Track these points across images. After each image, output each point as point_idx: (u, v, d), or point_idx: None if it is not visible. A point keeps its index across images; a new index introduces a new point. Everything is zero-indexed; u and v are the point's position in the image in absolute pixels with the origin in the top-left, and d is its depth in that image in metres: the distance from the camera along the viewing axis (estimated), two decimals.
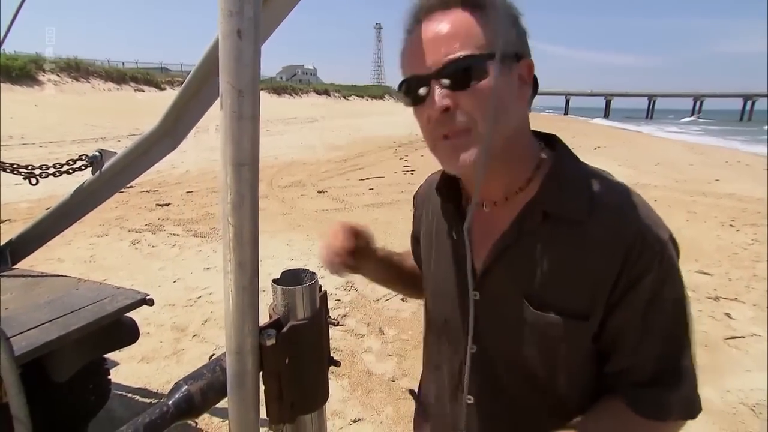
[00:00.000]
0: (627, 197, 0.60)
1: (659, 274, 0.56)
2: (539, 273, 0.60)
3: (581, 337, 0.60)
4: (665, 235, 0.58)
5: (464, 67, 0.54)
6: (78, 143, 10.56)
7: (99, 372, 1.83)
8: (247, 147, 0.46)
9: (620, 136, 20.75)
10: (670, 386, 0.58)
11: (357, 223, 0.81)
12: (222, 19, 0.42)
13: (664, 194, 6.91)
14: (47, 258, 3.77)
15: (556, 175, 0.62)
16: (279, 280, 0.62)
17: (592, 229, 0.58)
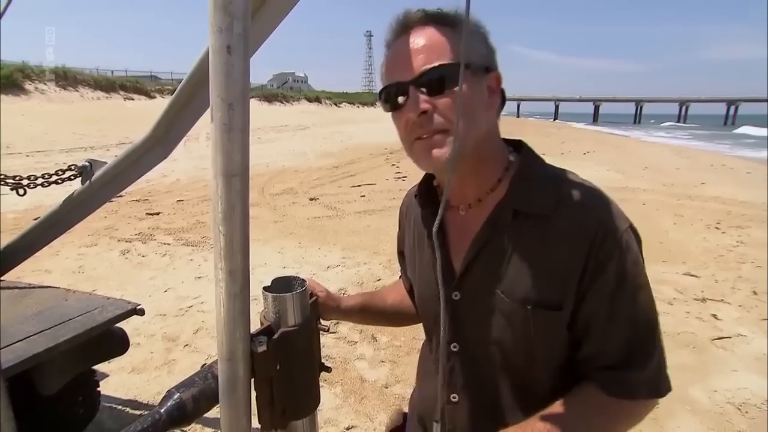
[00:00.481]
0: (589, 192, 0.64)
1: (622, 261, 0.60)
2: (513, 268, 0.64)
3: (556, 327, 0.63)
4: (625, 225, 0.62)
5: (440, 74, 0.60)
6: (66, 153, 10.45)
7: (88, 384, 1.80)
8: (237, 158, 0.47)
9: (609, 141, 21.06)
10: (638, 367, 0.61)
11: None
12: (212, 35, 0.43)
13: (652, 198, 7.02)
14: (34, 269, 3.72)
15: (523, 176, 0.67)
16: (270, 287, 0.63)
17: (558, 223, 0.62)
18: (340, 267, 4.03)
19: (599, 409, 0.62)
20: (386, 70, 0.65)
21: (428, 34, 0.61)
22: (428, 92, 0.60)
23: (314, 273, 3.86)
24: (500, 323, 0.65)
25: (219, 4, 0.42)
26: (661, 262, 4.20)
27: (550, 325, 0.63)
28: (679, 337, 2.87)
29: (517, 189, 0.66)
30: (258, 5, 0.90)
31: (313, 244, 4.64)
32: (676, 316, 3.16)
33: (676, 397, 2.28)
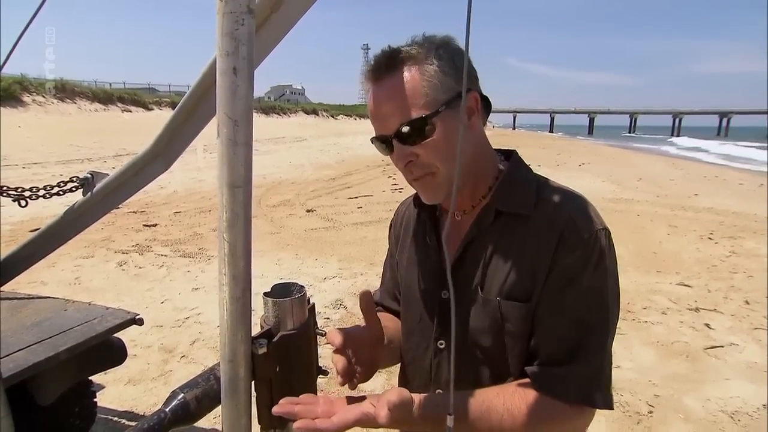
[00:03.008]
0: (566, 194, 0.69)
1: (582, 259, 0.63)
2: (491, 264, 0.69)
3: (525, 319, 0.66)
4: (597, 227, 0.65)
5: (415, 128, 0.65)
6: (63, 164, 10.46)
7: (85, 394, 1.81)
8: (241, 171, 0.51)
9: (604, 152, 21.29)
10: (572, 367, 0.62)
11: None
12: (220, 58, 0.47)
13: (646, 209, 7.10)
14: (30, 281, 3.70)
15: (508, 180, 0.72)
16: (270, 292, 0.66)
17: (535, 221, 0.66)
18: (337, 278, 4.05)
19: (524, 402, 0.62)
20: (371, 118, 0.70)
21: (397, 83, 0.65)
22: (408, 143, 0.66)
23: (311, 284, 3.87)
24: (477, 317, 0.69)
25: (226, 30, 0.46)
26: (655, 273, 4.25)
27: (518, 316, 0.66)
28: (673, 346, 2.90)
29: (500, 192, 0.71)
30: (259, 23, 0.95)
31: (310, 256, 4.66)
32: (669, 326, 3.19)
33: (669, 406, 2.30)
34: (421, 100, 0.64)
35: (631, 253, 4.73)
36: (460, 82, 0.65)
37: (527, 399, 0.62)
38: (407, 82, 0.64)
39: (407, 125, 0.64)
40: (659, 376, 2.53)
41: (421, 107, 0.64)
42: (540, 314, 0.65)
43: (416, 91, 0.64)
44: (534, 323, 0.66)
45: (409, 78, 0.64)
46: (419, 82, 0.64)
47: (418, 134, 0.65)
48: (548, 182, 0.72)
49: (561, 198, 0.68)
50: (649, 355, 2.77)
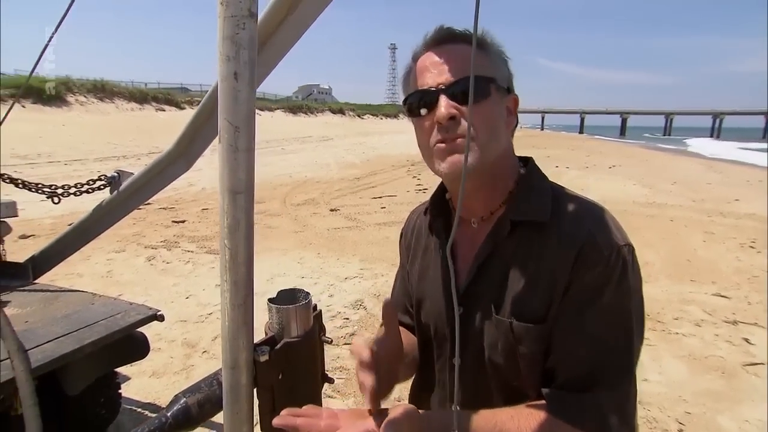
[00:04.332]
0: (586, 205, 0.65)
1: (603, 276, 0.59)
2: (506, 281, 0.65)
3: (540, 341, 0.62)
4: (619, 243, 0.60)
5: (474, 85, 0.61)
6: (100, 161, 10.94)
7: (110, 386, 1.87)
8: (242, 177, 0.50)
9: (636, 154, 20.52)
10: (590, 393, 0.58)
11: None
12: (221, 63, 0.46)
13: (680, 214, 6.79)
14: (67, 273, 3.89)
15: (523, 188, 0.69)
16: (275, 299, 0.65)
17: (553, 233, 0.62)
18: (358, 278, 4.05)
19: (539, 427, 0.58)
20: (416, 78, 0.67)
21: (460, 48, 0.65)
22: (459, 99, 0.62)
23: (332, 284, 3.89)
24: (491, 336, 0.66)
25: (227, 34, 0.45)
26: (689, 281, 4.04)
27: (532, 338, 0.62)
28: (707, 360, 2.75)
29: (515, 201, 0.68)
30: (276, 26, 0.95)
31: (332, 255, 4.68)
32: (704, 339, 3.03)
33: (701, 425, 2.18)
34: (482, 68, 0.63)
35: (662, 259, 4.53)
36: (509, 78, 0.69)
37: (542, 425, 0.59)
38: (469, 51, 0.63)
39: (466, 80, 0.61)
40: (691, 391, 2.40)
41: (485, 70, 0.63)
42: (557, 336, 0.61)
43: (480, 60, 0.64)
44: (550, 344, 0.62)
45: (478, 49, 0.64)
46: (484, 56, 0.65)
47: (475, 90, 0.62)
48: (565, 191, 0.69)
49: (579, 210, 0.64)
50: (681, 369, 2.63)
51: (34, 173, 9.01)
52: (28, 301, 1.72)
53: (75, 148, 12.26)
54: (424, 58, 0.66)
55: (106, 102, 21.44)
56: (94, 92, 21.51)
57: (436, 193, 0.78)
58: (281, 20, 0.90)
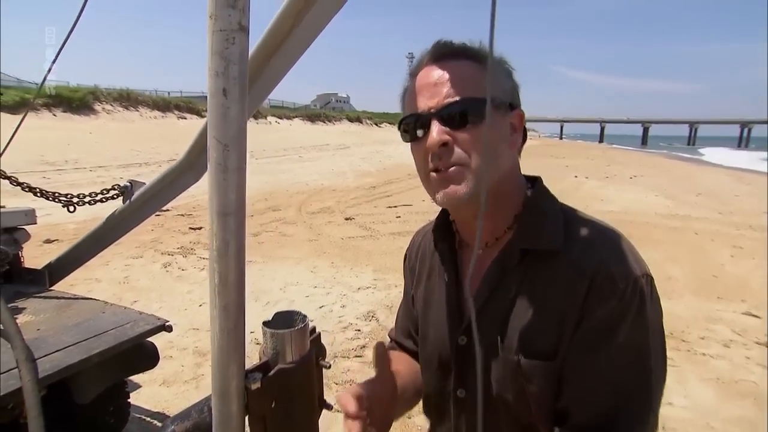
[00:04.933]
0: (600, 231, 0.60)
1: (618, 311, 0.54)
2: (514, 313, 0.61)
3: (550, 378, 0.58)
4: (636, 274, 0.55)
5: (463, 108, 0.58)
6: (123, 168, 11.23)
7: (120, 395, 1.87)
8: (232, 198, 0.48)
9: (658, 164, 20.02)
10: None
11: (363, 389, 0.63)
12: (209, 79, 0.44)
13: (706, 227, 6.55)
14: (86, 278, 3.97)
15: (531, 212, 0.64)
16: (270, 322, 0.63)
17: (563, 262, 0.58)
18: (371, 289, 4.01)
19: None
20: (409, 100, 0.64)
21: (453, 67, 0.61)
22: (450, 125, 0.59)
23: (344, 294, 3.86)
24: (498, 370, 0.62)
25: (216, 49, 0.43)
26: (716, 299, 3.87)
27: (541, 376, 0.58)
28: (738, 385, 2.60)
29: (523, 227, 0.63)
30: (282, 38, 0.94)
31: (346, 264, 4.66)
32: (733, 361, 2.88)
33: None
34: (475, 88, 0.59)
35: (687, 275, 4.35)
36: (513, 92, 0.64)
37: None
38: (463, 68, 0.60)
39: (456, 103, 0.58)
40: (719, 418, 2.26)
41: (474, 93, 0.59)
42: (568, 375, 0.57)
43: (471, 78, 0.60)
44: (561, 383, 0.57)
45: (468, 66, 0.60)
46: (476, 73, 0.60)
47: (463, 116, 0.58)
48: (576, 214, 0.64)
49: (592, 236, 0.59)
50: (708, 394, 2.49)
51: (61, 179, 9.33)
52: (42, 308, 1.74)
53: (100, 155, 12.64)
54: (420, 77, 0.62)
55: (131, 110, 22.14)
56: (120, 101, 22.26)
57: (439, 216, 0.74)
58: (288, 32, 0.89)
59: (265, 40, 0.91)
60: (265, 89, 1.01)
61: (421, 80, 0.62)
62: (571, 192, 9.38)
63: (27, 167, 10.23)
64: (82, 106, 20.29)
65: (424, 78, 0.62)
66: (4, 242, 1.92)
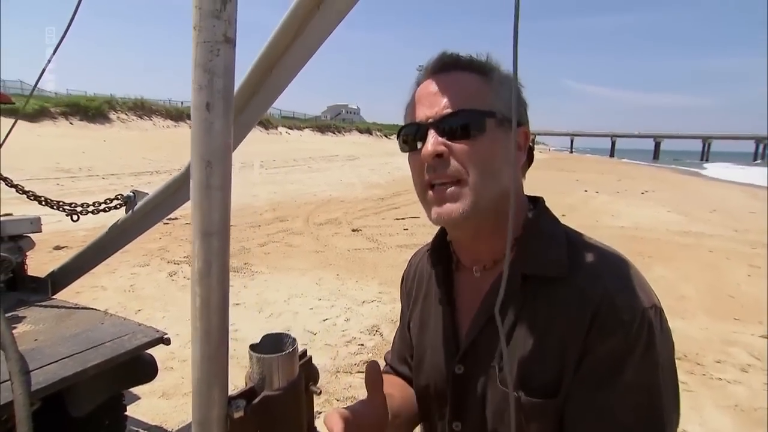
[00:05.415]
0: (604, 258, 0.56)
1: (623, 346, 0.50)
2: (514, 345, 0.57)
3: (551, 417, 0.54)
4: (643, 305, 0.51)
5: (463, 119, 0.56)
6: (135, 176, 11.39)
7: (116, 408, 1.84)
8: (215, 217, 0.45)
9: (669, 179, 19.77)
10: None
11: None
12: (192, 93, 0.42)
13: (721, 244, 6.40)
14: (92, 286, 3.98)
15: (533, 235, 0.60)
16: (258, 345, 0.60)
17: (566, 290, 0.54)
18: (376, 302, 3.96)
19: None
20: (410, 110, 0.63)
21: (456, 78, 0.59)
22: (448, 136, 0.57)
23: (349, 307, 3.82)
24: (495, 402, 0.58)
25: (200, 61, 0.41)
26: (732, 320, 3.75)
27: (542, 414, 0.54)
28: (757, 413, 2.49)
29: (525, 250, 0.59)
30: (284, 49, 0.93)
31: (351, 277, 4.62)
32: (752, 387, 2.76)
33: None
34: (478, 100, 0.57)
35: (701, 294, 4.23)
36: (518, 109, 0.60)
37: None
38: (469, 80, 0.59)
39: (456, 114, 0.56)
40: None
41: (476, 105, 0.57)
42: (571, 414, 0.52)
43: (475, 90, 0.58)
44: (564, 422, 0.53)
45: (472, 78, 0.59)
46: (480, 86, 0.58)
47: (463, 128, 0.56)
48: (581, 239, 0.60)
49: (598, 263, 0.56)
50: (725, 422, 2.39)
51: (74, 186, 9.48)
52: (42, 318, 1.73)
53: (113, 163, 12.84)
54: (422, 88, 0.61)
55: (145, 119, 22.59)
56: (134, 110, 22.73)
57: (437, 237, 0.71)
58: (290, 42, 0.87)
59: (267, 51, 0.90)
60: (268, 100, 1.00)
61: (422, 90, 0.61)
62: (581, 207, 9.26)
63: (43, 174, 10.43)
64: (98, 115, 20.76)
65: (425, 88, 0.60)
66: (8, 250, 1.92)
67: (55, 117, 19.13)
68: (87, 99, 21.66)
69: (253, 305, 3.78)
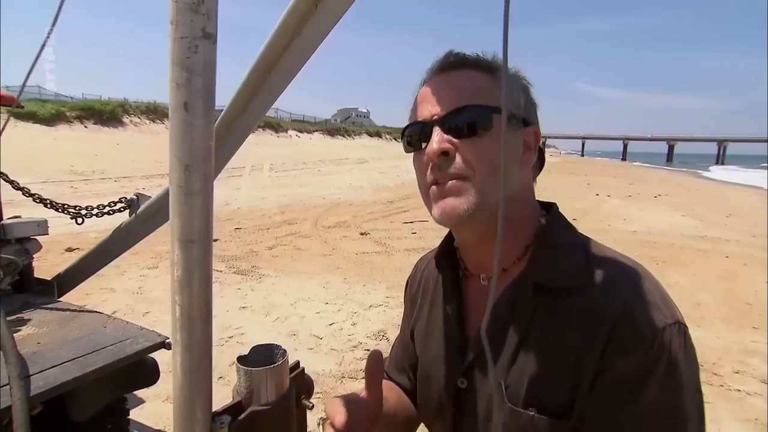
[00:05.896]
0: (622, 269, 0.52)
1: (643, 366, 0.46)
2: (524, 358, 0.53)
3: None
4: (665, 322, 0.47)
5: (469, 115, 0.54)
6: (146, 179, 11.53)
7: (118, 412, 1.83)
8: (196, 223, 0.43)
9: (683, 183, 19.41)
10: None
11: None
12: (169, 91, 0.40)
13: (738, 250, 6.23)
14: (101, 288, 4.02)
15: (546, 243, 0.57)
16: (246, 357, 0.57)
17: (582, 303, 0.50)
18: (383, 307, 3.93)
19: None
20: (416, 107, 0.60)
21: (463, 76, 0.57)
22: (454, 134, 0.54)
23: (355, 311, 3.79)
24: (509, 428, 0.54)
25: (177, 58, 0.39)
26: (750, 329, 3.63)
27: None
28: None
29: (538, 259, 0.56)
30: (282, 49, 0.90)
31: (359, 281, 4.60)
32: None
33: None
34: (485, 97, 0.55)
35: (717, 301, 4.11)
36: (528, 108, 0.59)
37: None
38: (473, 77, 0.57)
39: (462, 110, 0.54)
40: None
41: (482, 101, 0.55)
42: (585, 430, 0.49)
43: (482, 87, 0.56)
44: None
45: (479, 76, 0.57)
46: (487, 84, 0.56)
47: (470, 125, 0.54)
48: (598, 247, 0.56)
49: (616, 274, 0.52)
50: None
51: (87, 189, 9.63)
52: (46, 320, 1.73)
53: (125, 166, 13.02)
54: (426, 87, 0.59)
55: (157, 123, 22.90)
56: (147, 113, 23.08)
57: (443, 242, 0.68)
58: (287, 44, 0.85)
59: (265, 52, 0.88)
60: (267, 101, 0.98)
61: (426, 89, 0.59)
62: (593, 210, 9.12)
63: (57, 177, 10.62)
64: (112, 119, 21.13)
65: (431, 86, 0.58)
66: (15, 252, 1.93)
67: (70, 121, 19.51)
68: (101, 103, 22.07)
69: (259, 309, 3.77)
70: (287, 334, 3.30)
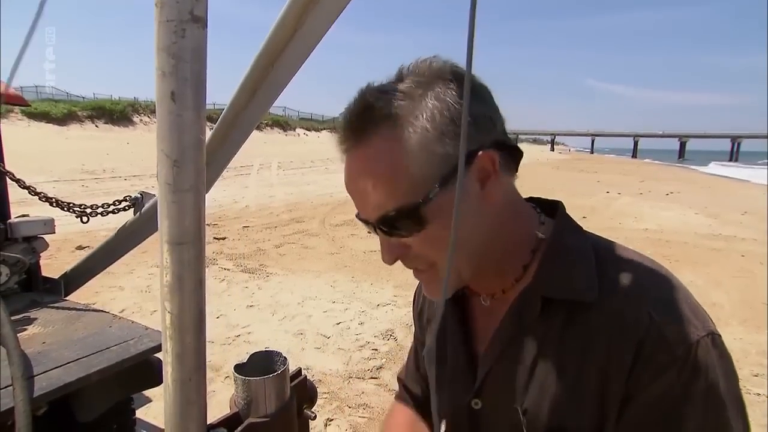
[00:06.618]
0: (646, 275, 0.47)
1: (678, 387, 0.41)
2: (539, 378, 0.49)
3: None
4: (698, 335, 0.42)
5: (397, 220, 0.48)
6: (155, 177, 11.60)
7: (124, 412, 1.82)
8: (186, 223, 0.39)
9: (697, 180, 19.08)
10: None
11: None
12: (156, 80, 0.36)
13: (754, 249, 6.09)
14: (110, 286, 4.03)
15: (555, 252, 0.51)
16: (244, 365, 0.54)
17: (600, 317, 0.45)
18: (391, 305, 3.90)
19: None
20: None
21: (371, 158, 0.48)
22: (396, 233, 0.50)
23: (363, 310, 3.76)
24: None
25: (162, 44, 0.35)
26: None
27: None
28: None
29: (546, 271, 0.51)
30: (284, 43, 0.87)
31: (366, 279, 4.57)
32: None
33: None
34: (404, 183, 0.46)
35: (733, 302, 4.02)
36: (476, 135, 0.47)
37: None
38: (385, 156, 0.47)
39: (388, 218, 0.48)
40: None
41: (405, 192, 0.46)
42: None
43: (398, 170, 0.46)
44: None
45: (386, 150, 0.47)
46: (400, 156, 0.46)
47: (405, 226, 0.48)
48: (612, 249, 0.51)
49: (637, 281, 0.46)
50: None
51: (98, 187, 9.72)
52: (52, 320, 1.72)
53: (135, 165, 13.13)
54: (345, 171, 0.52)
55: None
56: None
57: None
58: (288, 38, 0.82)
59: (267, 47, 0.85)
60: (270, 97, 0.95)
61: (346, 178, 0.52)
62: (602, 209, 8.98)
63: (69, 176, 10.75)
64: (122, 118, 21.37)
65: (347, 174, 0.51)
66: (22, 251, 1.93)
67: (82, 120, 19.77)
68: (112, 102, 22.37)
69: (266, 307, 3.75)
70: (294, 333, 3.28)
